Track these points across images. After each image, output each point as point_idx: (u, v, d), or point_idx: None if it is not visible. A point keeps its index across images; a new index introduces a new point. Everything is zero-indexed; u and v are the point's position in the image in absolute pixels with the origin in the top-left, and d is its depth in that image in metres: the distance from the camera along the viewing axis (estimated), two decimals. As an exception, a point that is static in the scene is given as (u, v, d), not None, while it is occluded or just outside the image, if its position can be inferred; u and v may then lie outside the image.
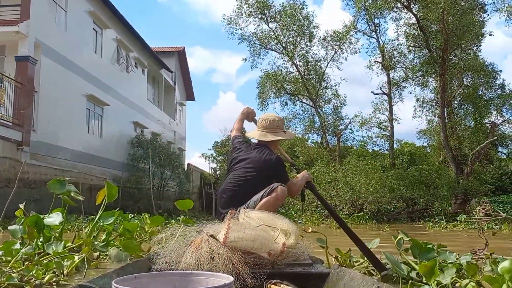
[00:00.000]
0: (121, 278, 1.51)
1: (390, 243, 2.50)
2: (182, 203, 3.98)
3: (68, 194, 3.06)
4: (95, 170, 17.22)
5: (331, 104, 21.32)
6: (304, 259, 2.43)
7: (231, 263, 2.09)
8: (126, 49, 20.66)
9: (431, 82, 19.82)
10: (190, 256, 2.17)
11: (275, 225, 2.45)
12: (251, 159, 3.28)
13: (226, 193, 3.27)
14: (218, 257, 2.13)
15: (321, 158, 18.63)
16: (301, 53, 19.62)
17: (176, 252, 2.26)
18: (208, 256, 2.15)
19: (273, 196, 3.00)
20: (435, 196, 14.97)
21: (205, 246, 2.22)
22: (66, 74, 15.18)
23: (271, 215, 2.61)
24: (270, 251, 2.25)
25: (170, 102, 28.84)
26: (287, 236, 2.40)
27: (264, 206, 2.93)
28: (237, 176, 3.26)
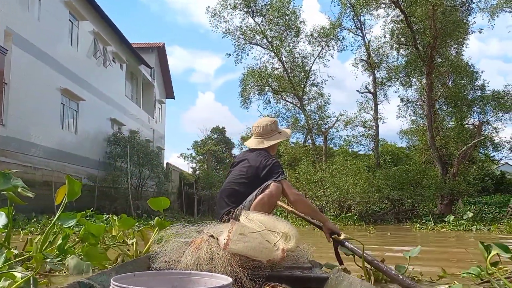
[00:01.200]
0: (120, 276, 1.48)
1: (382, 245, 2.18)
2: (156, 202, 3.49)
3: (14, 190, 2.48)
4: (69, 168, 16.34)
5: (315, 103, 20.93)
6: (303, 262, 2.42)
7: (230, 265, 2.09)
8: (104, 42, 19.80)
9: (414, 81, 19.65)
10: (189, 256, 2.16)
11: (276, 228, 2.42)
12: (248, 160, 3.29)
13: (224, 193, 3.26)
14: (217, 258, 2.13)
15: (306, 158, 18.15)
16: (287, 49, 19.09)
17: (176, 252, 2.26)
18: (207, 256, 2.15)
19: (266, 193, 2.93)
20: (422, 197, 14.69)
21: (205, 246, 2.21)
22: (39, 66, 14.32)
23: (272, 218, 2.55)
24: (269, 259, 2.22)
25: (149, 99, 28.00)
26: (287, 240, 2.37)
27: (259, 204, 2.88)
28: (235, 176, 3.28)
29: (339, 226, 12.87)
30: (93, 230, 2.65)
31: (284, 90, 19.99)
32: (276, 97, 22.26)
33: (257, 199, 2.95)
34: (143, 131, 24.10)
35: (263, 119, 3.58)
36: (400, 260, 3.11)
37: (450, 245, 8.88)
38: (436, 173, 16.02)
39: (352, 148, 19.98)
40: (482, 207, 17.30)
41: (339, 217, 13.27)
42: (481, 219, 14.19)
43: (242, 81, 21.77)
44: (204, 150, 35.29)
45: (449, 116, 20.32)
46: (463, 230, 12.54)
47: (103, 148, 19.36)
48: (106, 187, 17.95)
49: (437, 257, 5.61)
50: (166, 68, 31.04)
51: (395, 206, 15.50)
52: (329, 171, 15.15)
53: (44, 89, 14.63)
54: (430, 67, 15.41)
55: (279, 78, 20.23)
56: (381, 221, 14.61)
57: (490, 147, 22.03)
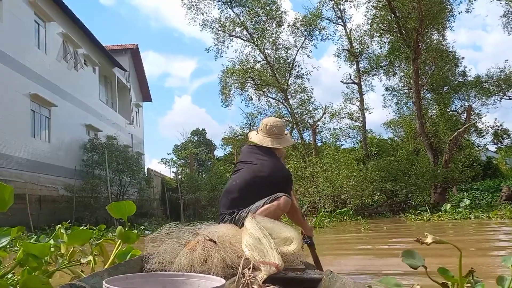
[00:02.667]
0: (112, 278, 1.48)
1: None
2: (117, 208, 2.80)
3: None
4: (44, 179, 15.33)
5: (299, 96, 20.29)
6: (297, 264, 2.37)
7: (223, 266, 2.09)
8: (74, 44, 18.77)
9: (398, 70, 19.26)
10: (183, 257, 2.14)
11: (281, 234, 2.40)
12: (263, 165, 3.20)
13: (230, 194, 3.18)
14: (211, 259, 2.11)
15: (295, 153, 17.50)
16: (269, 40, 18.33)
17: (170, 253, 2.24)
18: (201, 258, 2.13)
19: (274, 204, 2.93)
20: (416, 187, 14.22)
21: (200, 248, 2.19)
22: (3, 71, 13.29)
23: (275, 224, 2.51)
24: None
25: (125, 103, 26.95)
26: (287, 243, 2.38)
27: (264, 213, 2.84)
28: (245, 178, 3.19)
29: (334, 222, 12.28)
30: (34, 251, 2.03)
31: (268, 84, 19.27)
32: (258, 93, 21.59)
33: (263, 208, 2.92)
34: (120, 137, 23.05)
35: (275, 118, 3.49)
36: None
37: (461, 234, 8.36)
38: (428, 162, 15.60)
39: (340, 141, 19.44)
40: (474, 193, 17.01)
41: (334, 213, 12.65)
42: (476, 206, 13.85)
43: (222, 78, 21.07)
44: (185, 153, 34.44)
45: (435, 103, 20.05)
46: (461, 218, 12.09)
47: (79, 156, 18.33)
48: (85, 197, 16.94)
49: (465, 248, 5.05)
50: (141, 70, 30.01)
51: (388, 198, 15.01)
52: (320, 165, 14.53)
53: (11, 95, 13.61)
54: (416, 52, 14.95)
55: (262, 73, 19.51)
56: (376, 214, 14.08)
57: (473, 133, 21.91)
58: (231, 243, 2.31)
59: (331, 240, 7.98)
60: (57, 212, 15.48)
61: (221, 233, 2.39)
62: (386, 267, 4.46)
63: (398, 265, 3.81)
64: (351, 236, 8.67)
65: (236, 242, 2.32)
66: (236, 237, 2.39)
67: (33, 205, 14.32)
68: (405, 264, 1.86)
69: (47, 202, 15.35)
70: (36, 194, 14.67)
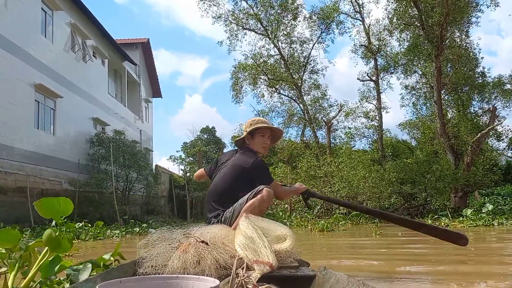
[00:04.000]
0: (105, 283, 1.45)
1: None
2: (47, 205, 2.27)
3: None
4: (47, 173, 14.82)
5: (313, 92, 19.51)
6: (290, 262, 2.35)
7: (217, 267, 2.09)
8: (82, 35, 18.26)
9: (417, 68, 18.42)
10: (176, 260, 2.12)
11: (275, 232, 2.45)
12: (232, 161, 3.29)
13: (211, 197, 3.24)
14: (204, 260, 2.11)
15: (308, 152, 16.75)
16: (284, 33, 17.55)
17: (162, 256, 2.21)
18: (194, 260, 2.11)
19: (258, 198, 2.93)
20: (437, 190, 13.42)
21: (192, 250, 2.17)
22: (8, 59, 12.80)
23: (268, 222, 2.56)
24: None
25: (135, 98, 26.45)
26: (280, 241, 2.40)
27: (250, 209, 2.86)
28: (221, 178, 3.25)
29: (348, 225, 11.56)
30: None
31: (281, 79, 18.53)
32: (270, 90, 20.91)
33: (248, 204, 2.92)
34: (129, 132, 22.55)
35: (257, 118, 3.52)
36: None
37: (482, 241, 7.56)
38: (448, 164, 14.78)
39: (354, 141, 18.62)
40: (496, 198, 16.15)
41: (349, 215, 11.90)
42: (500, 212, 12.98)
43: (233, 74, 20.43)
44: (194, 151, 33.91)
45: (454, 103, 19.21)
46: (483, 225, 11.21)
47: (85, 150, 17.84)
48: (90, 191, 16.41)
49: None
50: (152, 65, 29.52)
51: (406, 201, 14.23)
52: (335, 164, 13.78)
53: (15, 85, 13.12)
54: (439, 48, 14.13)
55: (275, 67, 18.74)
56: (393, 218, 13.29)
57: (492, 136, 21.02)
58: (223, 243, 2.31)
59: (334, 244, 7.26)
60: (60, 207, 14.93)
61: (213, 234, 2.38)
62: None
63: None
64: (356, 243, 7.89)
65: (229, 242, 2.31)
66: (228, 237, 2.38)
67: (35, 198, 13.75)
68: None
69: (49, 196, 14.78)
70: (38, 187, 14.16)
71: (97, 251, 6.48)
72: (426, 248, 6.21)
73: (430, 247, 6.17)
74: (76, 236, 8.00)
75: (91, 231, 8.38)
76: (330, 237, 8.39)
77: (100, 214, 15.99)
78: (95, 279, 1.85)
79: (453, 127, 16.15)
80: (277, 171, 15.43)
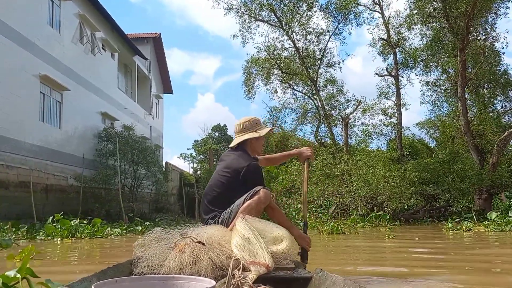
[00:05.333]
0: (101, 282, 1.46)
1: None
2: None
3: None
4: (52, 168, 14.31)
5: (327, 89, 18.70)
6: (286, 263, 2.34)
7: (213, 268, 2.08)
8: (91, 27, 17.76)
9: (439, 63, 17.55)
10: (172, 260, 2.11)
11: (272, 233, 2.45)
12: (227, 162, 3.24)
13: (206, 198, 3.22)
14: (200, 261, 2.09)
15: (325, 149, 15.98)
16: (299, 23, 16.70)
17: (158, 256, 2.20)
18: (190, 260, 2.10)
19: (255, 199, 2.88)
20: (461, 191, 12.59)
21: (188, 250, 2.16)
22: (12, 49, 12.31)
23: (265, 223, 2.57)
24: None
25: (145, 93, 25.95)
26: (277, 242, 2.41)
27: (247, 210, 2.84)
28: (216, 180, 3.22)
29: (368, 226, 10.81)
30: None
31: (296, 73, 17.75)
32: (284, 86, 20.19)
33: (245, 205, 2.88)
34: (138, 127, 22.01)
35: (245, 117, 3.45)
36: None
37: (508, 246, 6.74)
38: (470, 165, 13.92)
39: (371, 139, 17.75)
40: (523, 201, 15.21)
41: (368, 216, 11.13)
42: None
43: (246, 69, 19.76)
44: (204, 149, 33.36)
45: (475, 101, 18.32)
46: (510, 230, 10.28)
47: (93, 145, 17.33)
48: (96, 188, 15.88)
49: None
50: (163, 60, 29.00)
51: (428, 202, 13.41)
52: (353, 162, 13.01)
53: (19, 76, 12.63)
54: (464, 41, 13.28)
55: (289, 60, 17.96)
56: (413, 220, 12.50)
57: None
58: (220, 244, 2.29)
59: (336, 247, 6.53)
60: (66, 203, 14.46)
61: (210, 234, 2.37)
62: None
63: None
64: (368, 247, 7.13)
65: (225, 243, 2.30)
66: (225, 238, 2.36)
67: (39, 194, 13.32)
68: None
69: (54, 192, 14.33)
70: (42, 182, 13.67)
71: (66, 254, 5.77)
72: (446, 254, 5.51)
73: (450, 253, 5.46)
74: (71, 234, 7.40)
75: (88, 229, 7.77)
76: (340, 240, 7.59)
77: (107, 211, 15.49)
78: (90, 278, 1.83)
79: (478, 125, 15.28)
80: (290, 168, 14.72)
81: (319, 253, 5.61)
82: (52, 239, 7.14)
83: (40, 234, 7.49)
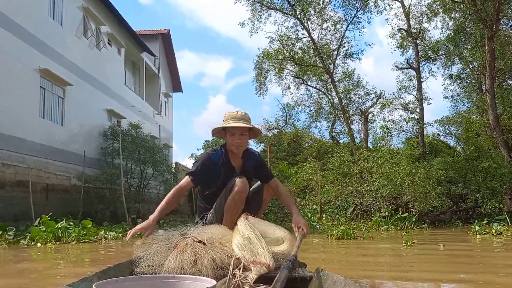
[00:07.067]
0: (102, 282, 1.46)
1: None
2: None
3: None
4: (54, 167, 13.58)
5: (344, 82, 17.68)
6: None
7: (214, 267, 2.06)
8: (96, 21, 17.05)
9: (464, 54, 16.46)
10: (173, 259, 2.10)
11: (274, 234, 2.45)
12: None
13: (198, 199, 3.32)
14: (201, 260, 2.08)
15: (342, 145, 15.02)
16: (315, 11, 15.70)
17: (159, 256, 2.18)
18: (191, 259, 2.08)
19: (234, 191, 2.84)
20: (492, 191, 11.52)
21: (189, 249, 2.14)
22: (10, 41, 11.60)
23: (267, 224, 2.58)
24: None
25: (154, 91, 25.22)
26: (278, 243, 2.40)
27: (232, 205, 2.83)
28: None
29: (393, 229, 9.82)
30: None
31: (311, 65, 16.77)
32: (297, 82, 19.27)
33: (229, 201, 2.85)
34: (147, 126, 21.24)
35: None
36: None
37: None
38: (503, 161, 12.83)
39: (391, 136, 16.67)
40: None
41: (393, 218, 10.13)
42: None
43: (257, 64, 18.87)
44: (216, 149, 32.59)
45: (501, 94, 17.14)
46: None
47: (98, 144, 16.61)
48: (100, 188, 15.12)
49: None
50: (172, 58, 28.27)
51: (455, 203, 12.35)
52: (373, 159, 12.01)
53: (18, 69, 11.91)
54: (494, 28, 12.22)
55: (304, 53, 17.01)
56: (440, 222, 11.46)
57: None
58: (221, 243, 2.28)
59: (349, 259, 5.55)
60: (68, 204, 13.72)
61: (210, 234, 2.35)
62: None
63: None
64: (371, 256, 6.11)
65: (226, 242, 2.29)
66: (225, 238, 2.35)
67: (38, 194, 12.57)
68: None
69: (55, 192, 13.58)
70: (42, 182, 12.93)
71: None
72: (478, 270, 4.33)
73: (482, 269, 4.36)
74: (57, 238, 6.56)
75: (76, 232, 6.92)
76: (343, 248, 6.46)
77: (111, 212, 14.72)
78: (91, 278, 1.81)
79: (509, 119, 14.17)
80: (305, 166, 13.78)
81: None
82: (36, 244, 6.31)
83: (25, 238, 6.66)
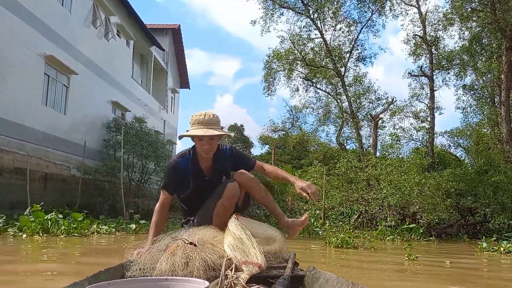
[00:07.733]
0: (93, 286, 1.44)
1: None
2: None
3: None
4: (54, 156, 13.30)
5: (355, 86, 17.29)
6: (279, 262, 2.32)
7: (206, 269, 2.03)
8: (106, 11, 16.79)
9: (479, 65, 16.07)
10: (164, 262, 2.05)
11: (265, 233, 2.44)
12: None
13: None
14: (192, 262, 2.05)
15: (351, 151, 14.66)
16: (330, 9, 15.32)
17: (150, 259, 2.15)
18: (182, 261, 2.04)
19: (226, 195, 2.71)
20: (502, 205, 11.12)
21: (180, 251, 2.10)
22: (15, 24, 11.32)
23: (258, 224, 2.57)
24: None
25: (161, 86, 24.93)
26: (270, 242, 2.40)
27: (221, 210, 2.70)
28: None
29: (399, 240, 9.46)
30: None
31: (322, 66, 16.41)
32: (306, 84, 18.92)
33: (218, 206, 2.71)
34: (151, 120, 20.96)
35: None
36: None
37: None
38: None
39: (400, 144, 16.27)
40: None
41: (399, 228, 9.75)
42: None
43: (266, 63, 18.54)
44: (220, 148, 32.34)
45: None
46: None
47: (101, 135, 16.33)
48: (100, 180, 14.83)
49: None
50: (181, 53, 27.99)
51: (463, 216, 11.95)
52: (382, 166, 11.64)
53: (22, 53, 11.64)
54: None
55: (315, 54, 16.65)
56: (447, 235, 11.07)
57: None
58: (212, 244, 2.26)
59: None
60: (66, 194, 13.45)
61: (201, 235, 2.33)
62: None
63: None
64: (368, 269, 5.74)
65: (218, 243, 2.26)
66: (217, 238, 2.33)
67: (36, 183, 12.29)
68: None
69: (54, 181, 13.30)
70: (41, 170, 12.65)
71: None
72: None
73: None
74: (46, 230, 6.24)
75: (65, 225, 6.59)
76: (347, 258, 6.08)
77: (110, 205, 14.43)
78: (82, 283, 1.78)
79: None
80: (310, 170, 13.42)
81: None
82: (21, 235, 5.99)
83: (13, 227, 6.35)
